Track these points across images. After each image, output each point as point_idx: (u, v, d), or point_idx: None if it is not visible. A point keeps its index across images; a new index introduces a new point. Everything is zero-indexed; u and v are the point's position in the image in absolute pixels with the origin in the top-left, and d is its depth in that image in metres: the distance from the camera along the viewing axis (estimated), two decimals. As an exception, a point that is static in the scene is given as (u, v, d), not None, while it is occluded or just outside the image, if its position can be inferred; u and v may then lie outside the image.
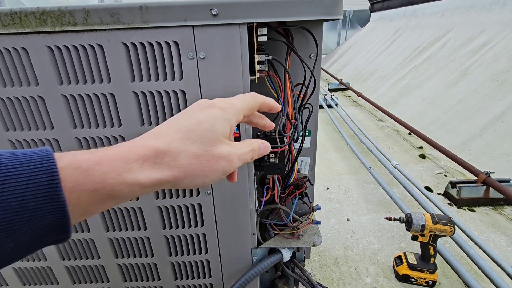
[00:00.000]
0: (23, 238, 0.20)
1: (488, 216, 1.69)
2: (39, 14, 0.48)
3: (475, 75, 3.03)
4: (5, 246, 0.19)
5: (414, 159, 2.44)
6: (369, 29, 7.56)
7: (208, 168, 0.27)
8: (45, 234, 0.21)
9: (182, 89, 0.54)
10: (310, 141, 0.73)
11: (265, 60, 0.55)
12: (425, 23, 5.05)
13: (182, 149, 0.26)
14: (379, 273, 1.30)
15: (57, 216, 0.21)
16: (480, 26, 3.64)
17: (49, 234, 0.21)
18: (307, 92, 0.63)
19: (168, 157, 0.25)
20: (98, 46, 0.51)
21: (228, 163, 0.28)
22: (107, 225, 0.67)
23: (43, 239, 0.21)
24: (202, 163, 0.26)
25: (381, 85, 4.51)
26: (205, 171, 0.26)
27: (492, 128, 2.41)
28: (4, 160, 0.20)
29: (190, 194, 0.64)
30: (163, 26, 0.49)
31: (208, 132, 0.27)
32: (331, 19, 0.51)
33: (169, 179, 0.25)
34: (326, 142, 2.85)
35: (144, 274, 0.75)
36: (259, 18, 0.49)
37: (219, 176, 0.28)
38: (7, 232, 0.19)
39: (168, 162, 0.25)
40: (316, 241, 0.73)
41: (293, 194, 0.71)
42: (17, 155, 0.20)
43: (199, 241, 0.70)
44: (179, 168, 0.25)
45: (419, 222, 1.13)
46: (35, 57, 0.51)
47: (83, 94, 0.54)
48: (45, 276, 0.74)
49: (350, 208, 1.79)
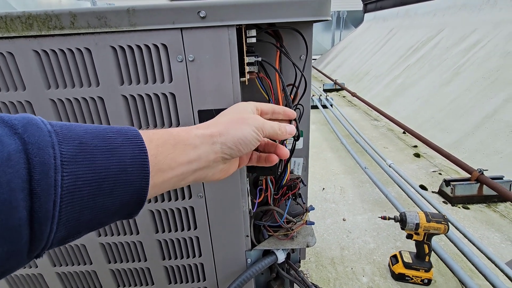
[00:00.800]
0: (115, 202, 0.25)
1: (482, 213, 1.70)
2: (25, 18, 0.48)
3: (468, 74, 3.07)
4: (106, 204, 0.24)
5: (409, 158, 2.46)
6: (363, 29, 7.61)
7: (241, 122, 0.38)
8: (128, 202, 0.26)
9: (172, 92, 0.54)
10: (303, 142, 0.73)
11: (254, 61, 0.55)
12: (418, 23, 5.10)
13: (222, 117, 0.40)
14: (375, 273, 1.31)
15: (141, 184, 0.26)
16: (472, 25, 3.69)
17: (131, 203, 0.26)
18: (297, 93, 0.63)
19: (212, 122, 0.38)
20: (86, 49, 0.50)
21: (256, 121, 0.39)
22: (99, 231, 0.66)
23: (124, 208, 0.26)
24: (235, 120, 0.38)
25: (376, 85, 4.54)
26: (240, 124, 0.37)
27: (485, 126, 2.43)
28: (109, 134, 0.25)
29: (182, 197, 0.64)
30: (151, 29, 0.49)
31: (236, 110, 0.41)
32: (319, 20, 0.51)
33: (215, 133, 0.35)
34: (322, 143, 2.86)
35: (138, 278, 0.74)
36: (247, 20, 0.49)
37: (252, 129, 0.38)
38: (111, 188, 0.24)
39: (214, 124, 0.37)
40: (310, 241, 0.73)
41: (287, 195, 0.71)
42: (117, 130, 0.27)
43: (192, 245, 0.70)
44: (220, 125, 0.37)
45: (413, 221, 1.13)
46: (21, 61, 0.51)
47: (72, 98, 0.53)
48: (36, 284, 0.72)
49: (345, 208, 1.79)
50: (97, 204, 0.23)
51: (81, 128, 0.24)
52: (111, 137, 0.25)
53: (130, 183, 0.25)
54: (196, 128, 0.35)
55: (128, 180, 0.25)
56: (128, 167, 0.25)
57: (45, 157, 0.20)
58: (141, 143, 0.27)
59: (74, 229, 0.23)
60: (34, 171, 0.20)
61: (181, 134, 0.33)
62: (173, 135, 0.32)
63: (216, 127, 0.36)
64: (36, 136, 0.21)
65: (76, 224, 0.23)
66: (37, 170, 0.20)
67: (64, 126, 0.23)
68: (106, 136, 0.25)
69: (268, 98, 0.60)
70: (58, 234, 0.22)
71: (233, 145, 0.36)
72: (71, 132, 0.23)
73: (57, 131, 0.22)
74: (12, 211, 0.19)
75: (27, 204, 0.19)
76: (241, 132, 0.36)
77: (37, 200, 0.20)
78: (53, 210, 0.21)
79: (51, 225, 0.21)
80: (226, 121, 0.38)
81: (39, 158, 0.20)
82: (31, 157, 0.20)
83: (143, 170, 0.26)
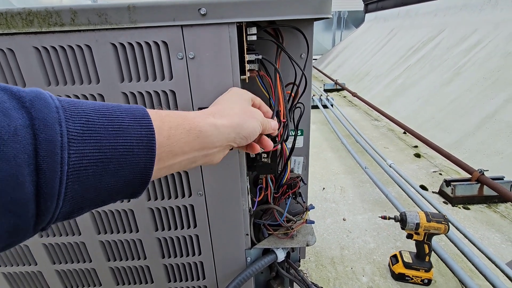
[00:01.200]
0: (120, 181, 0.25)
1: (483, 213, 1.70)
2: (26, 14, 0.48)
3: (468, 74, 3.07)
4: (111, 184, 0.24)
5: (409, 158, 2.46)
6: (363, 29, 7.61)
7: (251, 116, 0.41)
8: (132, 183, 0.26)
9: (172, 89, 0.53)
10: (303, 141, 0.73)
11: (255, 59, 0.55)
12: (418, 23, 5.10)
13: (234, 106, 0.41)
14: (375, 273, 1.31)
15: (146, 166, 0.26)
16: (472, 25, 3.68)
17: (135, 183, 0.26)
18: (298, 91, 0.63)
19: (227, 112, 0.39)
20: (86, 46, 0.50)
21: (260, 116, 0.43)
22: (98, 228, 0.66)
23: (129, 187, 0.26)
24: (248, 113, 0.41)
25: (376, 85, 4.54)
26: (251, 118, 0.40)
27: (485, 126, 2.43)
28: (117, 113, 0.25)
29: (182, 195, 0.64)
30: (151, 26, 0.49)
31: (241, 99, 0.44)
32: (320, 18, 0.51)
33: (234, 124, 0.37)
34: (322, 142, 2.86)
35: (137, 277, 0.74)
36: (247, 17, 0.49)
37: (258, 124, 0.41)
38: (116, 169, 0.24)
39: (229, 114, 0.38)
40: (310, 240, 0.72)
41: (287, 194, 0.71)
42: (126, 109, 0.26)
43: (192, 243, 0.70)
44: (237, 117, 0.38)
45: (413, 221, 1.13)
46: (22, 58, 0.50)
47: (71, 95, 0.53)
48: (36, 281, 0.72)
49: (346, 208, 1.79)
50: (102, 183, 0.24)
51: (89, 105, 0.24)
52: (118, 116, 0.25)
53: (135, 164, 0.25)
54: (212, 116, 0.36)
55: (133, 161, 0.25)
56: (134, 148, 0.25)
57: (52, 134, 0.21)
58: (149, 124, 0.27)
59: (78, 205, 0.23)
60: (40, 148, 0.20)
61: (196, 119, 0.33)
62: (188, 120, 0.32)
63: (232, 118, 0.38)
64: (43, 111, 0.21)
65: (80, 201, 0.23)
66: (43, 146, 0.20)
67: (71, 103, 0.23)
68: (114, 115, 0.25)
69: (268, 96, 0.60)
70: (63, 209, 0.22)
71: (246, 136, 0.39)
72: (78, 109, 0.23)
73: (64, 107, 0.22)
74: (19, 185, 0.19)
75: (33, 179, 0.20)
76: (252, 125, 0.39)
77: (43, 176, 0.20)
78: (59, 187, 0.21)
79: (57, 201, 0.21)
80: (239, 113, 0.39)
81: (45, 134, 0.20)
82: (37, 133, 0.20)
83: (149, 151, 0.26)
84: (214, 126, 0.34)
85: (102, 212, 0.65)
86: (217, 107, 0.39)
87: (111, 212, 0.65)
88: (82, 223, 0.65)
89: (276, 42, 0.57)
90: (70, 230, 0.66)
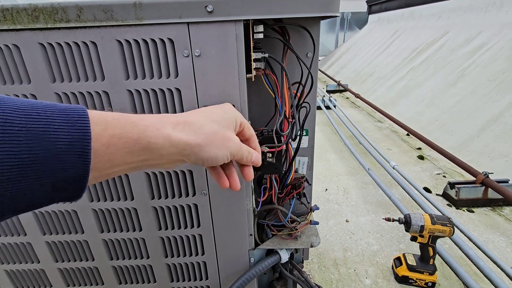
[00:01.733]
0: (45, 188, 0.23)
1: (487, 216, 1.68)
2: (31, 10, 0.47)
3: (473, 76, 3.04)
4: (33, 189, 0.22)
5: (412, 160, 2.44)
6: (367, 31, 7.59)
7: (221, 143, 0.35)
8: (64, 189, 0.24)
9: (177, 87, 0.53)
10: (308, 141, 0.72)
11: (261, 57, 0.54)
12: (422, 25, 5.07)
13: (205, 123, 0.34)
14: (378, 275, 1.29)
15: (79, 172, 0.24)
16: (477, 27, 3.66)
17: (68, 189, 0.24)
18: (304, 91, 0.62)
19: (194, 126, 0.33)
20: (92, 43, 0.50)
21: (235, 146, 0.37)
22: (102, 227, 0.66)
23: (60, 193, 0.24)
24: (218, 138, 0.35)
25: (380, 87, 4.52)
26: (219, 145, 0.35)
27: (490, 128, 2.41)
28: (47, 114, 0.23)
29: (186, 194, 0.63)
30: (157, 23, 0.48)
31: (223, 119, 0.37)
32: (328, 16, 0.50)
33: (193, 143, 0.32)
34: (325, 143, 2.85)
35: (140, 276, 0.73)
36: (254, 15, 0.48)
37: (227, 154, 0.36)
38: (38, 175, 0.22)
39: (194, 130, 0.33)
40: (314, 242, 0.72)
41: (291, 194, 0.70)
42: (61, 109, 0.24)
43: (196, 242, 0.69)
44: (202, 136, 0.33)
45: (418, 223, 1.12)
46: (27, 54, 0.50)
47: (77, 92, 0.53)
48: (38, 279, 0.72)
49: (349, 209, 1.78)
50: (20, 190, 0.22)
51: (10, 104, 0.22)
52: (48, 117, 0.23)
53: (63, 170, 0.23)
54: (173, 127, 0.31)
55: (60, 167, 0.23)
56: (61, 153, 0.23)
57: None
58: (85, 127, 0.24)
59: None
60: None
61: (149, 129, 0.29)
62: (138, 127, 0.28)
63: (195, 136, 0.32)
64: None
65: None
66: None
67: None
68: (42, 115, 0.22)
69: (274, 95, 0.60)
70: None
71: (203, 159, 0.34)
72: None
73: None
74: None
75: None
76: (214, 152, 0.34)
77: None
78: None
79: None
80: (207, 133, 0.34)
81: None
82: None
83: (81, 157, 0.24)
84: (168, 140, 0.30)
85: (106, 211, 0.64)
86: (189, 117, 0.34)
87: (114, 210, 0.64)
88: (85, 222, 0.65)
89: (283, 41, 0.57)
90: (73, 229, 0.66)
